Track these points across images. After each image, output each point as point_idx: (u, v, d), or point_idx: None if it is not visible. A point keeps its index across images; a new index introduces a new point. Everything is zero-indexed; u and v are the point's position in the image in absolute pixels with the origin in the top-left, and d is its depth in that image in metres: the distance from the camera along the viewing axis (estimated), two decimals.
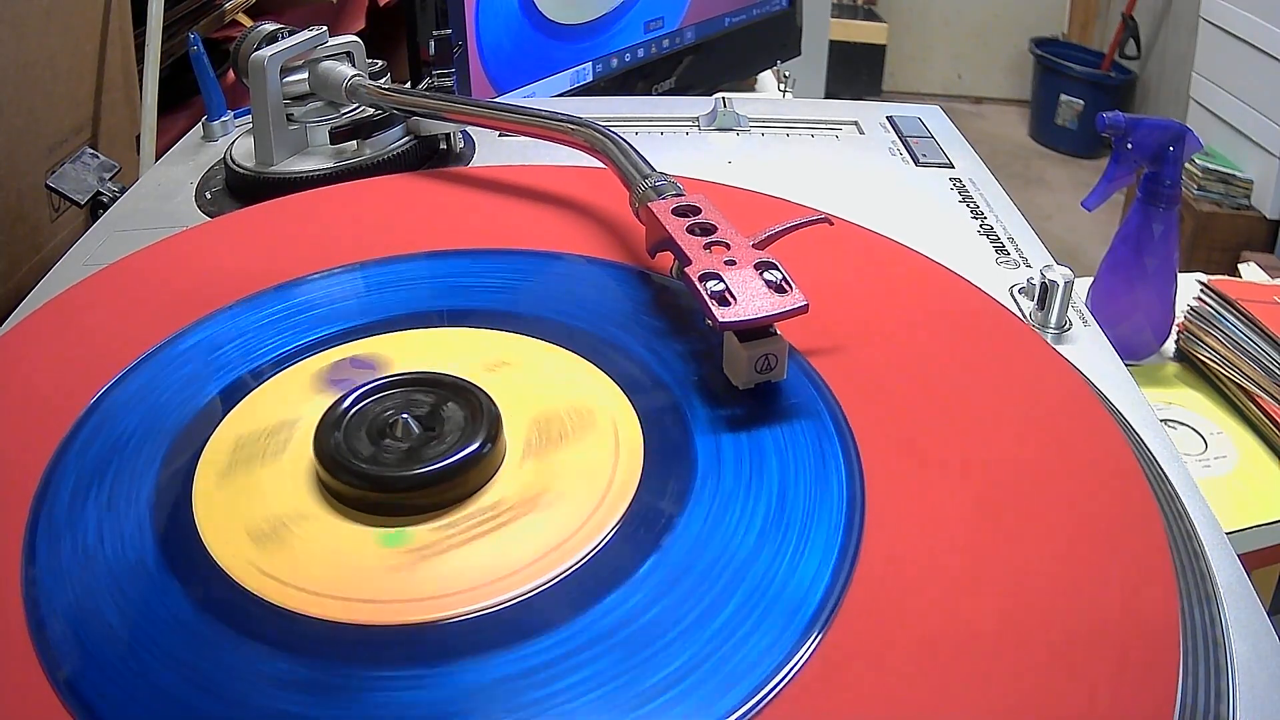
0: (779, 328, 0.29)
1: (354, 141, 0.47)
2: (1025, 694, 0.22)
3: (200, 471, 0.27)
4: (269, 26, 0.50)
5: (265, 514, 0.26)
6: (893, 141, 0.53)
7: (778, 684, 0.22)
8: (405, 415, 0.27)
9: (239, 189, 0.47)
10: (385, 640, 0.23)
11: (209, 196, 0.47)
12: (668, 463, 0.27)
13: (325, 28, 0.48)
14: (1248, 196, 1.70)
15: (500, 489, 0.27)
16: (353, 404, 0.28)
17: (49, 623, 0.23)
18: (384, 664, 0.22)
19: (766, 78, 1.04)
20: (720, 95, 0.55)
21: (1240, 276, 0.76)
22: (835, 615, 0.23)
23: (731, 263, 0.30)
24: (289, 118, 0.47)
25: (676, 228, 0.33)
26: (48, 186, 0.62)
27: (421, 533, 0.25)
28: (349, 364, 0.31)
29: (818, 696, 0.22)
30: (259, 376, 0.31)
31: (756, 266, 0.30)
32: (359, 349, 0.32)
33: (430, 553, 0.25)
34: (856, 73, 2.63)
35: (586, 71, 0.80)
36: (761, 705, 0.21)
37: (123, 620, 0.23)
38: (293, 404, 0.30)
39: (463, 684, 0.22)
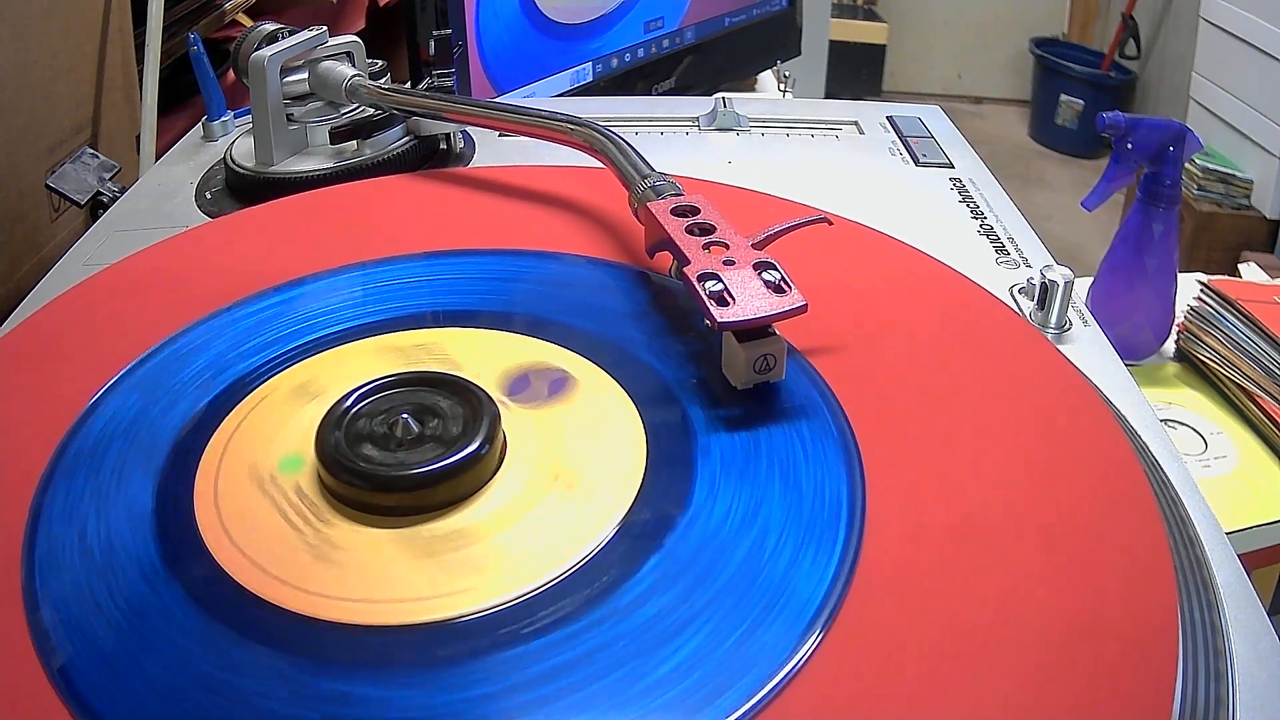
0: (778, 327, 0.29)
1: (354, 141, 0.47)
2: (1025, 694, 0.22)
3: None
4: (269, 26, 0.50)
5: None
6: (893, 141, 0.53)
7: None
8: (405, 415, 0.27)
9: (239, 189, 0.47)
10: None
11: (209, 196, 0.47)
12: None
13: (325, 28, 0.48)
14: (1248, 196, 1.70)
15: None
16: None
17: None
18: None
19: (766, 78, 1.04)
20: (720, 95, 0.55)
21: (1240, 276, 0.76)
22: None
23: (730, 263, 0.30)
24: (289, 118, 0.47)
25: (675, 228, 0.33)
26: (48, 186, 0.62)
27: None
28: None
29: (818, 696, 0.22)
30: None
31: (755, 266, 0.30)
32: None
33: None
34: (856, 73, 2.63)
35: (586, 71, 0.80)
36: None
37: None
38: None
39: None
